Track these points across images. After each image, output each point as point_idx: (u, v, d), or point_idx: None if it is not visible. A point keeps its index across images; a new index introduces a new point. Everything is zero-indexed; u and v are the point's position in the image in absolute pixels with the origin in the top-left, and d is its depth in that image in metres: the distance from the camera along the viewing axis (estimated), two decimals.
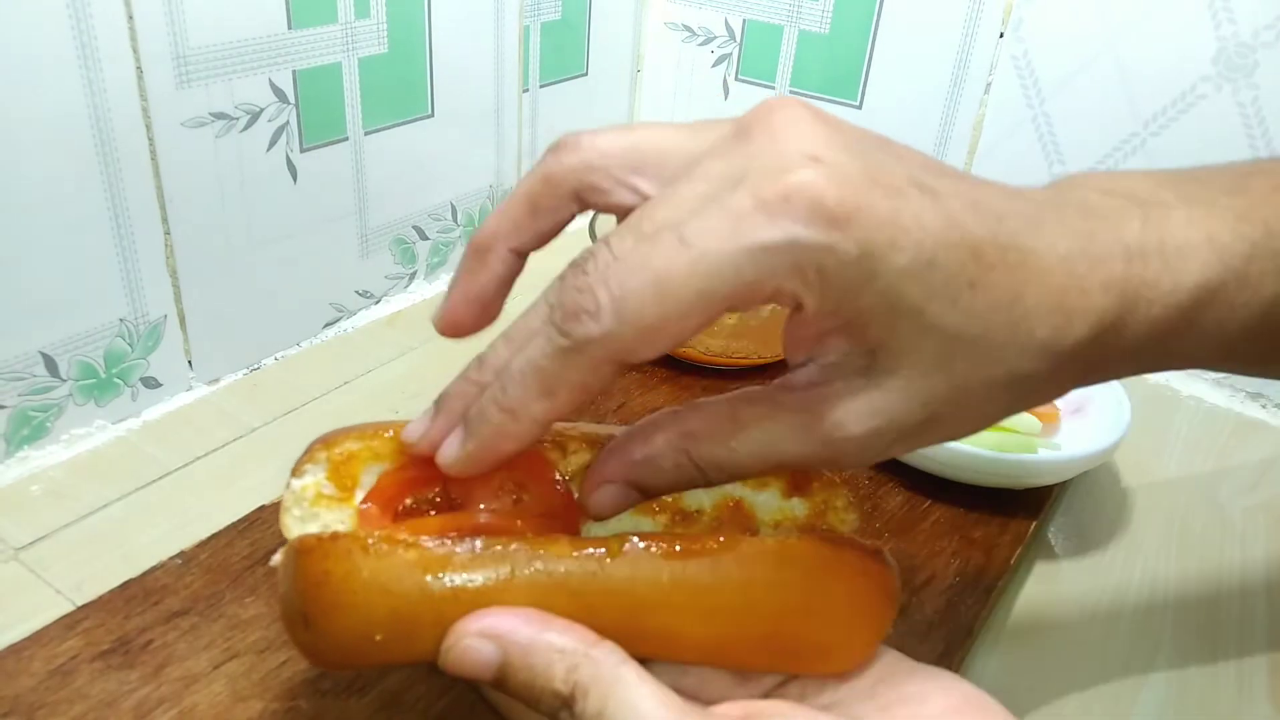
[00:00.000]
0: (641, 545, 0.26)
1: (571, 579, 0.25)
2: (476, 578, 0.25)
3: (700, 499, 0.31)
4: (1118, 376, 0.28)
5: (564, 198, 0.27)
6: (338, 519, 0.28)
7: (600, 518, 0.28)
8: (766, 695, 0.28)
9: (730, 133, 0.25)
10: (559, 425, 0.30)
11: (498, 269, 0.28)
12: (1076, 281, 0.25)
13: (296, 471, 0.28)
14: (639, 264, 0.23)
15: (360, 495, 0.28)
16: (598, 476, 0.27)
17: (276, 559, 0.27)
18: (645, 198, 0.26)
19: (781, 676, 0.28)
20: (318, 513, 0.27)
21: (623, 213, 0.26)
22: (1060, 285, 0.25)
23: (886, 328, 0.24)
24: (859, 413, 0.25)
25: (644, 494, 0.27)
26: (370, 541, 0.25)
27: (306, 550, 0.25)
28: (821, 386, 0.25)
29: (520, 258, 0.28)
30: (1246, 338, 0.28)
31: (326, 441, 0.28)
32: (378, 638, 0.25)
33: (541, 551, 0.26)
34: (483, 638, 0.25)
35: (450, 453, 0.27)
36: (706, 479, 0.27)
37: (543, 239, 0.28)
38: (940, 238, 0.23)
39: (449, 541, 0.25)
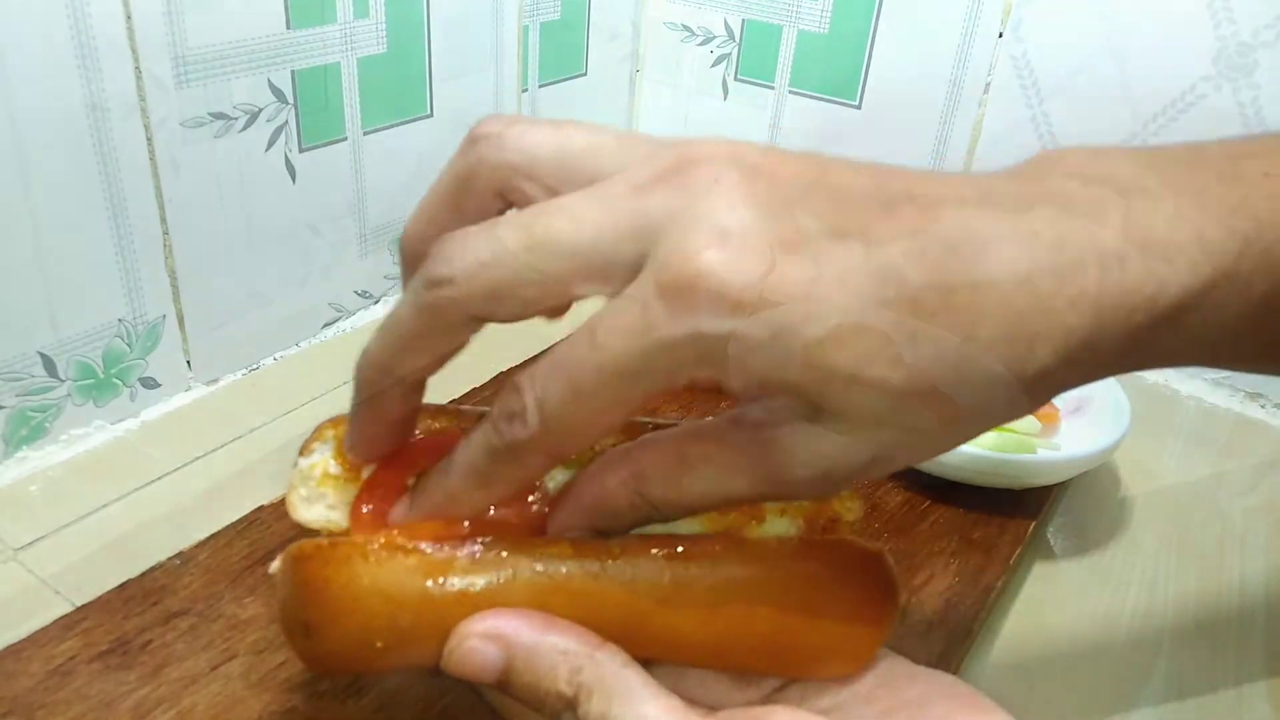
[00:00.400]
0: (642, 548, 0.26)
1: (573, 581, 0.25)
2: (478, 581, 0.25)
3: None
4: (1091, 381, 0.27)
5: (486, 196, 0.26)
6: (343, 499, 0.28)
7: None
8: (766, 699, 0.28)
9: (649, 177, 0.24)
10: None
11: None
12: (1040, 303, 0.23)
13: (304, 450, 0.28)
14: (556, 365, 0.24)
15: (367, 474, 0.28)
16: (557, 526, 0.27)
17: (275, 566, 0.26)
18: None
19: (782, 680, 0.28)
20: (324, 492, 0.27)
21: None
22: (1019, 311, 0.23)
23: (819, 393, 0.23)
24: (806, 458, 0.24)
25: (605, 535, 0.27)
26: (370, 548, 0.25)
27: (305, 557, 0.25)
28: (770, 428, 0.25)
29: None
30: (1234, 338, 0.27)
31: (334, 421, 0.28)
32: (379, 644, 0.25)
33: (542, 554, 0.26)
34: (486, 639, 0.25)
35: (395, 517, 0.28)
36: (662, 516, 0.26)
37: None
38: (869, 298, 0.22)
39: (449, 546, 0.25)
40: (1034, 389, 0.24)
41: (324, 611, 0.25)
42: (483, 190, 0.26)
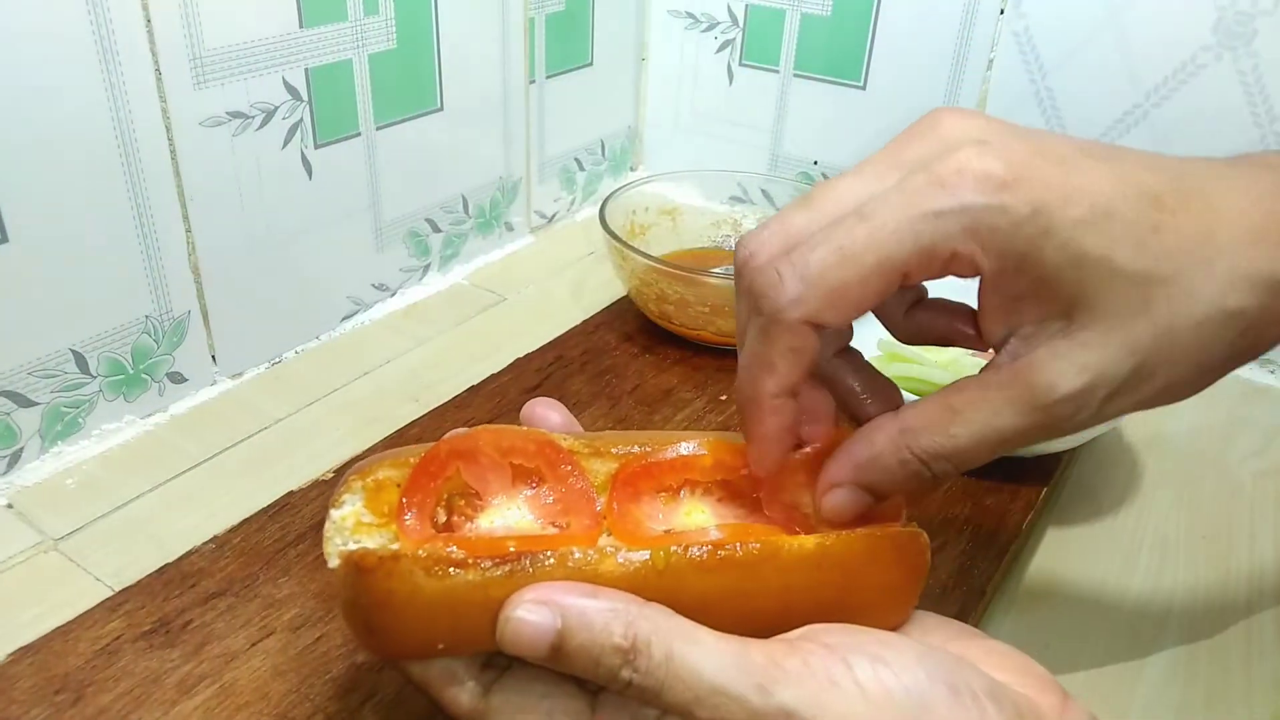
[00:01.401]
0: (685, 556, 0.27)
1: (619, 588, 0.26)
2: None
3: None
4: None
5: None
6: (380, 544, 0.28)
7: (837, 523, 0.29)
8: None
9: (901, 139, 0.27)
10: (592, 434, 0.31)
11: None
12: (1275, 218, 0.25)
13: (334, 503, 0.29)
14: (822, 239, 0.25)
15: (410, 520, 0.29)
16: (826, 481, 0.28)
17: (334, 563, 0.27)
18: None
19: None
20: (360, 539, 0.28)
21: None
22: (1256, 221, 0.25)
23: (1074, 281, 0.25)
24: (1066, 372, 0.25)
25: (874, 494, 0.28)
26: (431, 563, 0.26)
27: (368, 569, 0.26)
28: (1026, 357, 0.26)
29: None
30: None
31: (360, 471, 0.29)
32: (440, 646, 0.27)
33: (593, 563, 0.27)
34: (537, 605, 0.25)
35: (753, 463, 0.29)
36: (931, 472, 0.27)
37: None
38: (1115, 191, 0.25)
39: (506, 560, 0.26)
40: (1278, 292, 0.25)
41: (387, 619, 0.26)
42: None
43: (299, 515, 0.45)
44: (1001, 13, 0.65)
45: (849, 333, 0.31)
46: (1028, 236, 0.24)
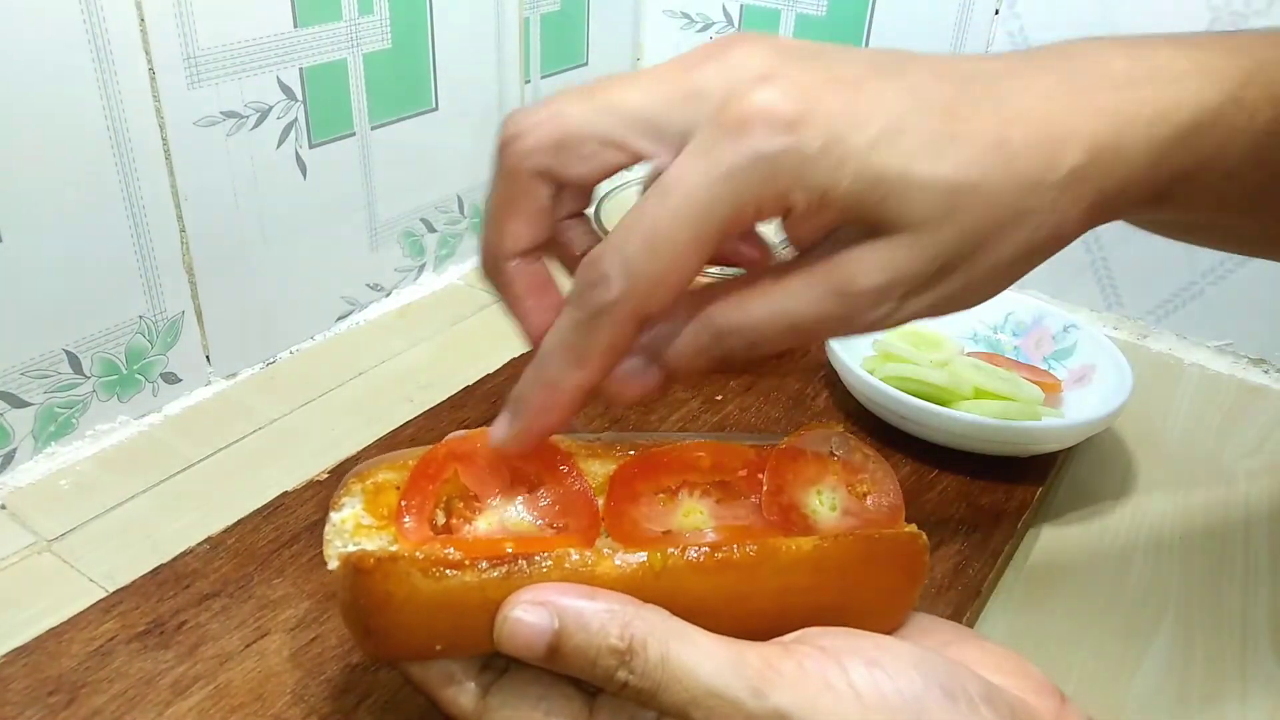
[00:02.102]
0: (682, 558, 0.27)
1: (616, 589, 0.26)
2: None
3: None
4: (1129, 216, 0.28)
5: (538, 187, 0.27)
6: (379, 547, 0.28)
7: (623, 396, 0.28)
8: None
9: (696, 57, 0.26)
10: (589, 435, 0.31)
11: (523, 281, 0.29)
12: (1064, 112, 0.26)
13: (334, 505, 0.29)
14: (631, 225, 0.25)
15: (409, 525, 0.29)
16: (623, 370, 0.28)
17: (333, 565, 0.27)
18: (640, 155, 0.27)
19: None
20: (360, 542, 0.28)
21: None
22: (1046, 117, 0.25)
23: (878, 200, 0.25)
24: (869, 267, 0.26)
25: (665, 369, 0.27)
26: (429, 564, 0.26)
27: (367, 571, 0.26)
28: (832, 251, 0.26)
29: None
30: (1244, 168, 0.28)
31: (360, 474, 0.29)
32: (438, 647, 0.27)
33: (590, 565, 0.27)
34: (534, 606, 0.25)
35: (499, 433, 0.28)
36: (724, 348, 0.27)
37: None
38: (907, 106, 0.25)
39: (504, 562, 0.26)
40: (1071, 189, 0.26)
41: (385, 621, 0.26)
42: (532, 181, 0.27)
43: (293, 516, 0.44)
44: (996, 13, 0.65)
45: (590, 196, 0.30)
46: (825, 169, 0.24)
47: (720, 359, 0.27)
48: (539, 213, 0.28)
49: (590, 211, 0.31)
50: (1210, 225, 0.33)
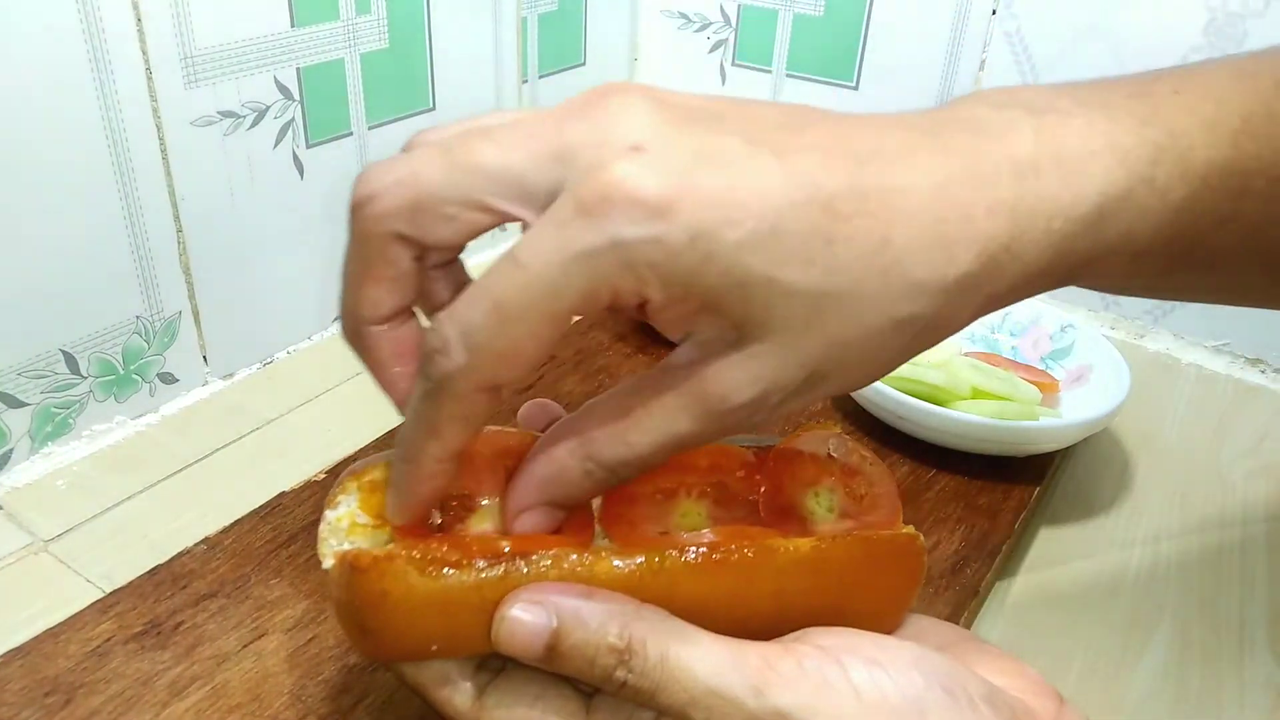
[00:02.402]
0: (680, 559, 0.27)
1: (614, 590, 0.26)
2: None
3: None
4: (1023, 298, 0.27)
5: (396, 249, 0.26)
6: (374, 545, 0.28)
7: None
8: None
9: (565, 111, 0.24)
10: None
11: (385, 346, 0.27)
12: (957, 210, 0.24)
13: (329, 504, 0.29)
14: (478, 295, 0.24)
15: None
16: (515, 505, 0.27)
17: (329, 563, 0.27)
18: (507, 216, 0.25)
19: None
20: (355, 541, 0.28)
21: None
22: (937, 218, 0.24)
23: (741, 301, 0.23)
24: (739, 383, 0.24)
25: (564, 508, 0.27)
26: (426, 563, 0.26)
27: (362, 569, 0.26)
28: (700, 364, 0.25)
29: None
30: (1155, 247, 0.26)
31: (355, 473, 0.29)
32: (434, 647, 0.27)
33: (587, 565, 0.26)
34: (532, 605, 0.25)
35: (388, 509, 0.28)
36: (617, 478, 0.26)
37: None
38: (783, 201, 0.23)
39: (500, 562, 0.26)
40: (958, 296, 0.24)
41: (381, 620, 0.26)
42: (389, 246, 0.26)
43: (291, 516, 0.44)
44: (994, 13, 0.65)
45: (460, 251, 0.28)
46: (688, 265, 0.22)
47: (619, 484, 0.27)
48: (399, 278, 0.26)
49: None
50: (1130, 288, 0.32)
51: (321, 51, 0.55)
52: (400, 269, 0.26)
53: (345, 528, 0.28)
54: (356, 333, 0.27)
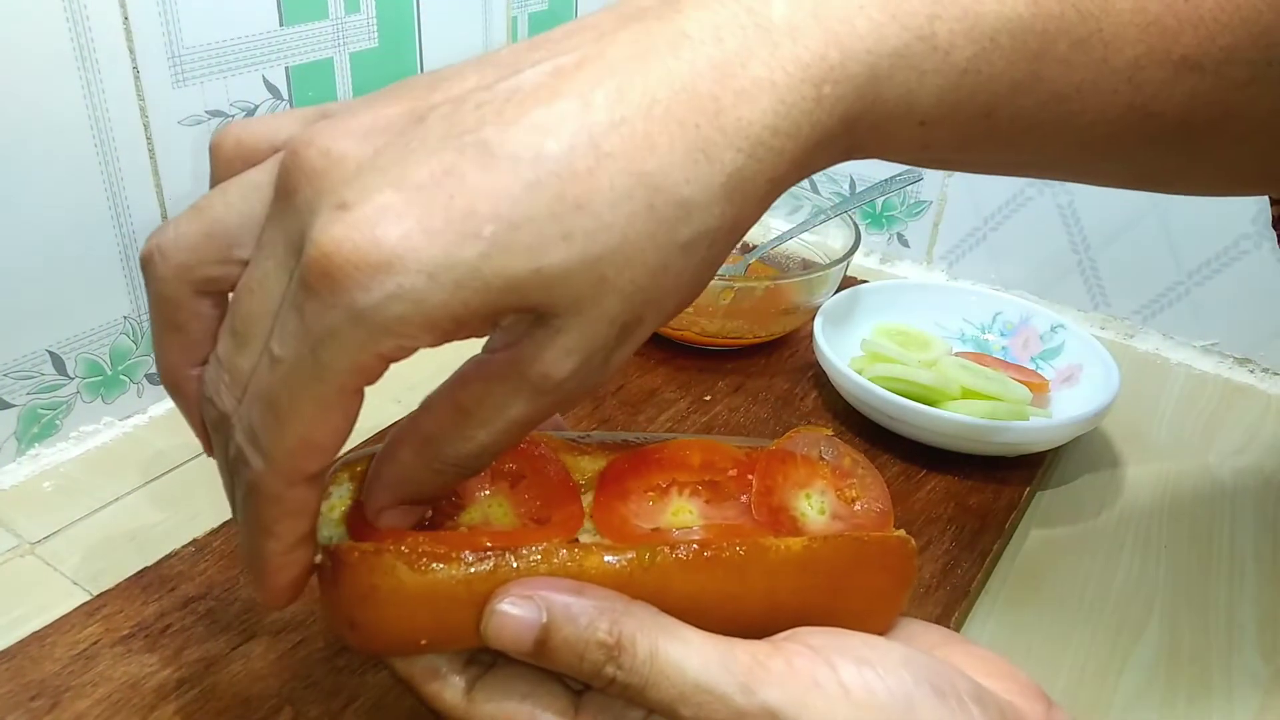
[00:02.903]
0: (670, 555, 0.27)
1: (604, 585, 0.26)
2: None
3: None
4: (813, 172, 0.25)
5: (195, 301, 0.26)
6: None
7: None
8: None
9: (272, 191, 0.24)
10: (578, 434, 0.31)
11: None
12: (707, 106, 0.22)
13: (321, 494, 0.29)
14: (251, 396, 0.23)
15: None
16: (373, 510, 0.27)
17: (318, 557, 0.27)
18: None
19: None
20: (346, 532, 0.28)
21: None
22: (685, 124, 0.22)
23: (518, 299, 0.22)
24: (556, 359, 0.23)
25: (421, 503, 0.27)
26: (415, 559, 0.26)
27: (351, 564, 0.26)
28: (515, 349, 0.24)
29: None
30: (940, 115, 0.25)
31: (348, 463, 0.29)
32: (423, 641, 0.27)
33: (578, 559, 0.26)
34: (523, 599, 0.25)
35: (261, 596, 0.27)
36: (470, 470, 0.26)
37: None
38: (515, 189, 0.21)
39: (490, 555, 0.26)
40: (737, 194, 0.23)
41: (369, 614, 0.26)
42: (188, 302, 0.26)
43: None
44: None
45: None
46: (440, 301, 0.21)
47: (472, 474, 0.26)
48: (206, 327, 0.26)
49: None
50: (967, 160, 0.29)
51: (310, 50, 0.55)
52: (204, 319, 0.26)
53: (336, 518, 0.28)
54: (173, 382, 0.27)
